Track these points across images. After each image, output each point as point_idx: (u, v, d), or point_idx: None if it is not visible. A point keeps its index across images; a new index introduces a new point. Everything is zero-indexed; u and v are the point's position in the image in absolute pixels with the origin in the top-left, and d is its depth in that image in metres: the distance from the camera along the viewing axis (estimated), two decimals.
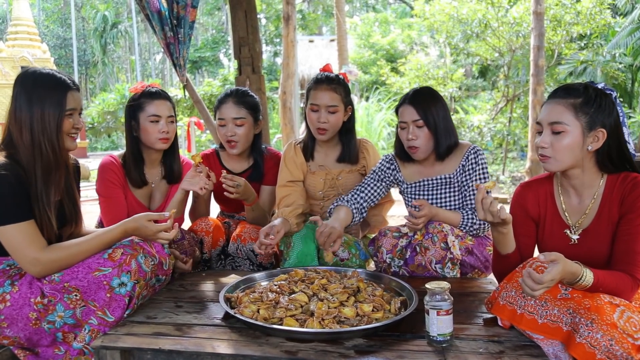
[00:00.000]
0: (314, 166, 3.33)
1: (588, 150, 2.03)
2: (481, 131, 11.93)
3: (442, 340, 1.90)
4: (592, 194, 2.12)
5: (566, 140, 2.01)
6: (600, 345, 1.65)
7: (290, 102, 11.39)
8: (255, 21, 5.60)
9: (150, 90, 3.04)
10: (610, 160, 2.06)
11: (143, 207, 3.10)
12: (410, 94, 2.88)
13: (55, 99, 2.23)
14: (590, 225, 2.13)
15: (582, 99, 2.01)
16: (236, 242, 3.12)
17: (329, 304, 2.12)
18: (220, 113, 3.28)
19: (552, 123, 2.03)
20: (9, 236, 2.11)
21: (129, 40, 39.89)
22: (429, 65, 14.88)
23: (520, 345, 1.90)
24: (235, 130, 3.24)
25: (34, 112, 2.21)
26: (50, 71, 2.29)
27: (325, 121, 3.08)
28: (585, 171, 2.10)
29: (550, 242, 2.24)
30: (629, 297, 1.89)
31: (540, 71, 9.76)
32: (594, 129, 2.00)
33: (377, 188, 3.08)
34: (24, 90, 2.23)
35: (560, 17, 11.39)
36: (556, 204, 2.24)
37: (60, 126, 2.26)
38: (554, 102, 2.06)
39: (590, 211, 2.13)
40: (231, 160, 3.47)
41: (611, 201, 2.07)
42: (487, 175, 2.88)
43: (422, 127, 2.82)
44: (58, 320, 2.17)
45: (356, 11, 36.34)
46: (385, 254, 2.86)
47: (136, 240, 2.35)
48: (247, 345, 1.92)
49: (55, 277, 2.16)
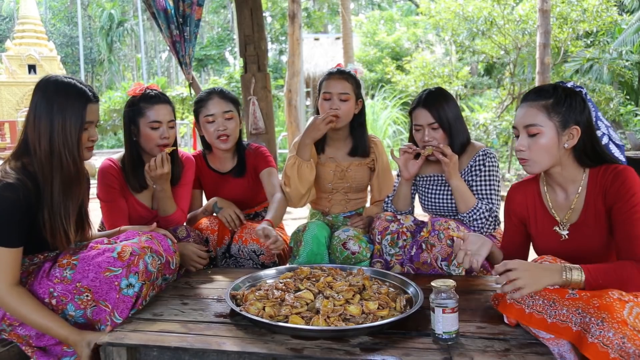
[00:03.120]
0: (324, 158, 3.37)
1: (565, 147, 2.10)
2: (487, 129, 11.90)
3: (447, 338, 1.90)
4: (576, 188, 2.18)
5: (542, 140, 2.09)
6: (613, 344, 1.65)
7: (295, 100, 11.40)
8: (261, 19, 5.61)
9: (149, 94, 2.97)
10: (586, 155, 2.12)
11: (146, 209, 3.10)
12: (424, 96, 2.93)
13: (76, 109, 2.20)
14: (579, 220, 2.18)
15: (552, 99, 2.09)
16: (238, 243, 3.12)
17: (335, 302, 2.12)
18: (207, 110, 3.21)
19: (527, 126, 2.11)
20: None
21: (135, 39, 39.95)
22: (435, 63, 14.85)
23: (526, 343, 1.90)
24: (226, 124, 3.20)
25: (55, 121, 2.16)
26: (72, 80, 2.26)
27: (337, 107, 3.13)
28: (566, 168, 2.16)
29: (542, 240, 2.30)
30: (638, 283, 1.89)
31: (546, 69, 9.74)
32: (567, 127, 2.08)
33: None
34: (45, 98, 2.18)
35: (566, 15, 11.36)
36: (544, 202, 2.30)
37: (80, 139, 2.23)
38: (527, 105, 2.14)
39: (576, 205, 2.18)
40: (217, 161, 3.43)
41: (595, 194, 2.12)
42: (492, 178, 2.89)
43: (437, 129, 2.88)
44: (69, 320, 2.18)
45: (362, 9, 36.29)
46: (377, 234, 2.93)
47: (143, 239, 2.36)
48: (253, 343, 1.93)
49: (67, 276, 2.16)
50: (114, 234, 2.58)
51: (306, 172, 3.13)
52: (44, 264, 2.26)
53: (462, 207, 2.83)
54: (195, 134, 3.62)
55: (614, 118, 11.73)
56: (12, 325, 2.18)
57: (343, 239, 2.97)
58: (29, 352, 2.25)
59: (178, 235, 2.97)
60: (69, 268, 2.19)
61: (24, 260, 2.23)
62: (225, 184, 3.39)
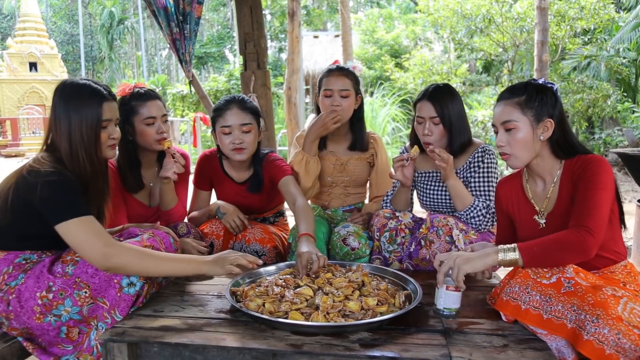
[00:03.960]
0: (325, 152, 3.41)
1: (541, 140, 2.22)
2: (485, 126, 11.88)
3: (448, 314, 2.09)
4: (552, 179, 2.28)
5: (519, 135, 2.21)
6: (608, 340, 1.67)
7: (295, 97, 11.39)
8: (261, 17, 5.60)
9: (139, 92, 2.97)
10: (559, 146, 2.24)
11: (144, 207, 3.12)
12: (430, 90, 2.96)
13: (91, 109, 2.25)
14: (554, 209, 2.27)
15: (525, 96, 2.21)
16: (240, 242, 3.13)
17: (334, 298, 2.14)
18: (225, 120, 3.05)
19: (504, 122, 2.24)
20: (74, 231, 2.10)
21: (135, 36, 39.98)
22: (433, 60, 14.83)
23: (524, 339, 1.91)
24: (242, 138, 3.05)
25: (72, 122, 2.22)
26: (86, 82, 2.30)
27: (338, 104, 3.18)
28: (544, 159, 2.28)
29: (523, 229, 2.40)
30: (582, 251, 1.95)
31: (544, 66, 9.74)
32: (541, 120, 2.20)
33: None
34: (62, 100, 2.25)
35: (564, 12, 11.36)
36: (525, 193, 2.41)
37: (98, 137, 2.28)
38: (502, 103, 2.27)
39: (551, 195, 2.28)
40: (232, 169, 3.31)
41: (567, 182, 2.22)
42: (491, 174, 2.92)
43: (438, 124, 2.90)
44: (64, 315, 2.18)
45: (360, 7, 36.26)
46: (375, 231, 2.96)
47: (145, 237, 2.37)
48: (253, 339, 1.94)
49: (68, 270, 2.18)
50: (117, 232, 2.59)
51: (313, 167, 3.23)
52: (44, 259, 2.28)
53: (459, 205, 2.85)
54: (195, 131, 3.63)
55: (611, 115, 11.73)
56: (8, 318, 2.20)
57: (343, 235, 2.98)
58: (30, 349, 2.26)
59: (179, 232, 2.98)
60: (72, 264, 2.20)
61: (30, 256, 2.26)
62: (240, 194, 3.30)
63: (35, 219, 2.16)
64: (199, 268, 2.26)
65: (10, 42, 26.86)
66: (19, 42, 26.59)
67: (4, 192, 2.18)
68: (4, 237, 2.24)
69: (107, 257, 2.09)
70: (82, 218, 2.10)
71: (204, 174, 3.37)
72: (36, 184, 2.08)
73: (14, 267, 2.23)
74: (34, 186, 2.09)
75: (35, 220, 2.16)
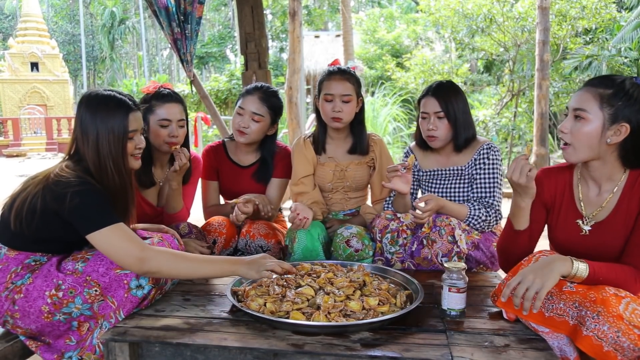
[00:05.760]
0: (324, 158, 3.36)
1: (607, 142, 2.00)
2: (486, 126, 11.89)
3: (453, 315, 2.13)
4: (612, 187, 2.10)
5: (585, 128, 2.00)
6: (607, 337, 1.67)
7: (296, 97, 11.37)
8: (262, 17, 5.62)
9: (162, 92, 3.02)
10: (634, 155, 2.03)
11: (151, 207, 3.12)
12: (434, 86, 2.98)
13: (118, 121, 2.25)
14: (606, 219, 2.10)
15: (612, 90, 1.98)
16: (245, 237, 3.15)
17: (335, 298, 2.14)
18: (242, 102, 3.26)
19: (576, 109, 2.03)
20: (108, 239, 2.10)
21: (136, 36, 40.00)
22: (434, 60, 14.83)
23: (525, 338, 1.92)
24: (249, 124, 3.23)
25: (99, 134, 2.22)
26: (111, 92, 2.31)
27: (340, 110, 3.13)
28: (606, 164, 2.07)
29: (561, 229, 2.24)
30: (632, 290, 1.89)
31: (545, 66, 9.73)
32: (616, 122, 1.97)
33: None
34: (89, 112, 2.24)
35: (565, 12, 11.33)
36: (573, 193, 2.22)
37: (125, 148, 2.28)
38: (585, 89, 2.04)
39: (607, 204, 2.10)
40: (238, 153, 3.46)
41: (631, 196, 2.05)
42: (496, 172, 2.93)
43: (442, 118, 2.92)
44: (75, 311, 2.18)
45: (362, 7, 36.26)
46: (377, 233, 2.94)
47: (155, 240, 2.37)
48: (254, 338, 1.94)
49: (79, 268, 2.18)
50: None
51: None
52: (52, 259, 2.28)
53: (460, 219, 2.86)
54: (196, 131, 3.65)
55: None
56: (13, 317, 2.20)
57: (346, 237, 2.97)
58: (33, 347, 2.27)
59: (181, 232, 2.99)
60: (82, 261, 2.20)
61: (41, 258, 2.27)
62: (243, 178, 3.41)
63: (58, 227, 2.17)
64: (234, 270, 2.26)
65: (12, 42, 26.89)
66: (20, 42, 26.62)
67: (31, 200, 2.15)
68: (20, 238, 2.22)
69: (144, 262, 2.10)
70: (114, 225, 2.11)
71: (210, 165, 3.45)
72: (65, 195, 2.08)
73: (23, 267, 2.23)
74: (62, 197, 2.08)
75: (59, 227, 2.17)
